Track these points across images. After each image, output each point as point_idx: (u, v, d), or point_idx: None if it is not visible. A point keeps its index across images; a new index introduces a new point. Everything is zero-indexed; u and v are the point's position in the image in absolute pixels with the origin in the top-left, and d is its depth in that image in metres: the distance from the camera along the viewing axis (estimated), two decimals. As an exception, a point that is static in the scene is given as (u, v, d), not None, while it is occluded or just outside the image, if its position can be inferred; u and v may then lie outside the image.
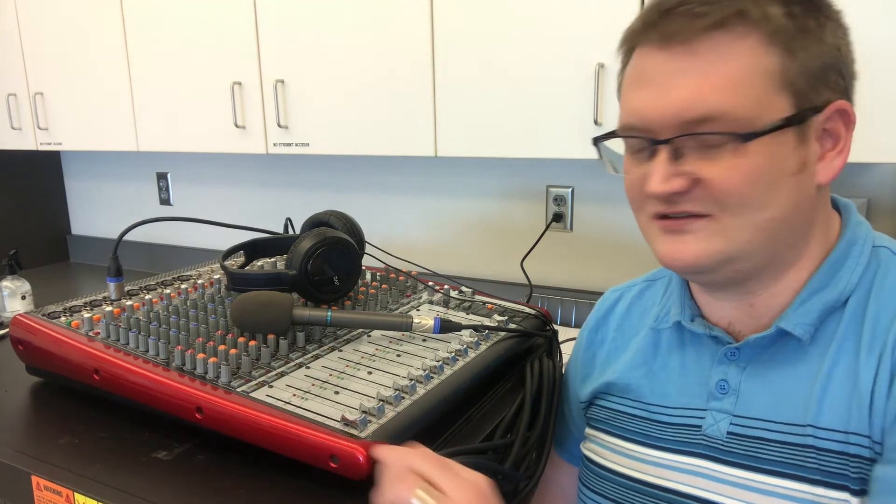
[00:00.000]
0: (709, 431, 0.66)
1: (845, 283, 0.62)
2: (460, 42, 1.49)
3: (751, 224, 0.58)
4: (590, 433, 0.79)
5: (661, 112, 0.58)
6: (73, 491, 0.61)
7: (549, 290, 1.80)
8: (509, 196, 1.87)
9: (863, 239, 0.64)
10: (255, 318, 0.76)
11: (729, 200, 0.57)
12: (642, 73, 0.61)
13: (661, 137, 0.59)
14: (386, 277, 1.02)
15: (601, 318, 0.84)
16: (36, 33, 2.20)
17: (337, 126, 1.69)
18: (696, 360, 0.70)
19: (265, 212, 2.32)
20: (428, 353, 0.78)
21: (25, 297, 1.90)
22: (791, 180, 0.58)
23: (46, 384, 0.84)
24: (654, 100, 0.59)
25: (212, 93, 1.86)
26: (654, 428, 0.71)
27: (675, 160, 0.58)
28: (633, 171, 0.64)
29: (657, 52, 0.59)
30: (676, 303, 0.72)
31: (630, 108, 0.62)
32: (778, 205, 0.58)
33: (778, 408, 0.62)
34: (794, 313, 0.62)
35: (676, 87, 0.57)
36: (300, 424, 0.61)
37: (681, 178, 0.58)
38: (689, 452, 0.67)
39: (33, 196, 2.72)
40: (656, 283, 0.80)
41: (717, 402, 0.66)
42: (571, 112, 1.39)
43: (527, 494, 0.77)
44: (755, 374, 0.64)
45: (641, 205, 0.64)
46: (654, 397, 0.72)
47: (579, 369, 0.83)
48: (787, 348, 0.63)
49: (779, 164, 0.57)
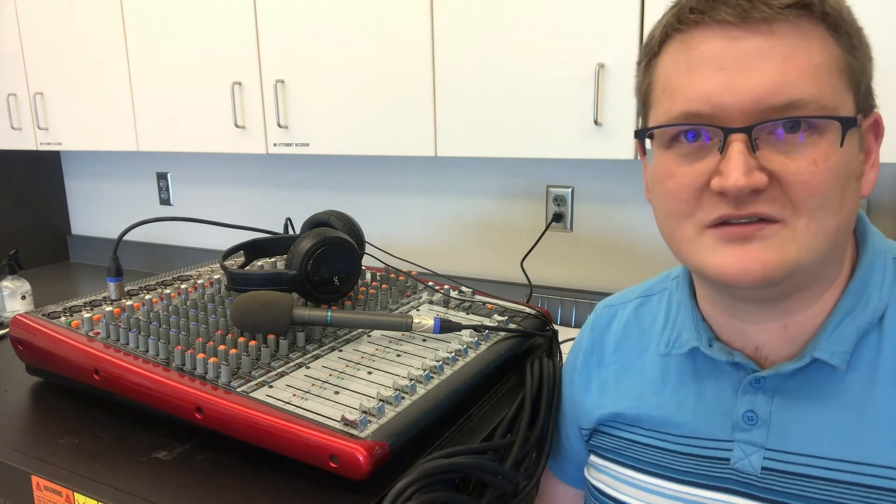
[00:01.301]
0: (739, 465, 0.60)
1: (876, 301, 0.58)
2: (460, 42, 1.49)
3: (823, 230, 0.53)
4: (596, 462, 0.74)
5: (738, 97, 0.51)
6: (73, 491, 0.61)
7: (549, 290, 1.80)
8: (509, 196, 1.87)
9: (882, 252, 0.61)
10: (255, 318, 0.76)
11: (811, 201, 0.52)
12: (705, 55, 0.53)
13: (736, 125, 0.52)
14: (386, 277, 1.02)
15: (596, 338, 0.78)
16: (36, 33, 2.20)
17: (337, 126, 1.69)
18: (714, 388, 0.64)
19: (265, 212, 2.32)
20: (428, 353, 0.78)
21: (25, 297, 1.90)
22: (855, 185, 0.55)
23: (46, 384, 0.84)
24: (727, 83, 0.52)
25: (212, 93, 1.86)
26: (674, 459, 0.65)
27: (751, 152, 0.52)
28: (682, 171, 0.56)
29: (726, 32, 0.52)
30: (688, 326, 0.66)
31: (692, 94, 0.54)
32: (846, 211, 0.54)
33: (819, 442, 0.57)
34: (829, 341, 0.57)
35: (756, 69, 0.51)
36: (300, 424, 0.61)
37: (760, 172, 0.52)
38: (718, 488, 0.62)
39: (33, 196, 2.72)
40: (653, 299, 0.75)
41: (744, 434, 0.61)
42: (571, 112, 1.39)
43: (527, 495, 0.76)
44: (786, 405, 0.59)
45: (689, 211, 0.56)
46: (671, 427, 0.66)
47: (576, 391, 0.78)
48: (820, 376, 0.58)
49: (849, 165, 0.54)
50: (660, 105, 0.58)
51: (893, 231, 1.46)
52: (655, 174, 0.59)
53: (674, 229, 0.59)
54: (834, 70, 0.53)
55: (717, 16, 0.53)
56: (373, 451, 0.58)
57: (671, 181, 0.57)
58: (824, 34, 0.53)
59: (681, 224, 0.58)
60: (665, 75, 0.57)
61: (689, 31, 0.55)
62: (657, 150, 0.59)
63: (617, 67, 1.34)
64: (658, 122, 0.57)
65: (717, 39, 0.53)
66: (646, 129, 0.59)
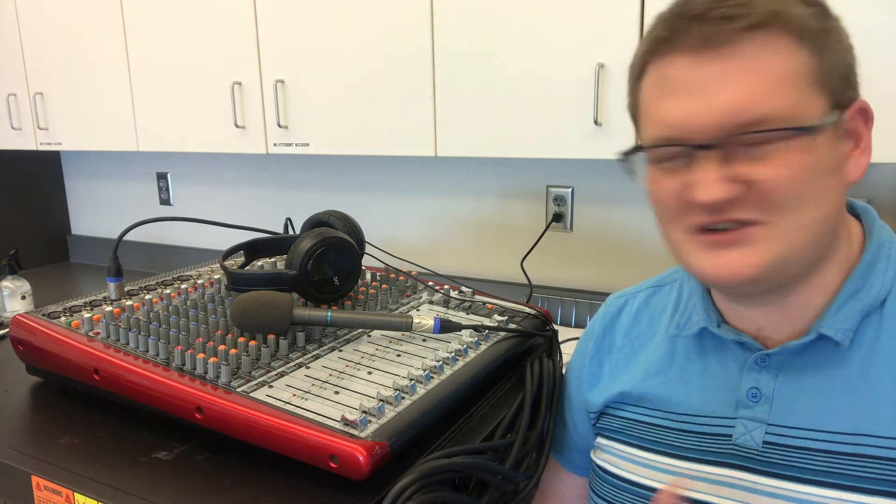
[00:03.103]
0: (741, 441, 0.63)
1: (879, 285, 0.61)
2: (460, 42, 1.49)
3: (803, 224, 0.56)
4: (602, 443, 0.76)
5: (704, 120, 0.56)
6: (73, 491, 0.61)
7: (549, 290, 1.80)
8: (509, 196, 1.87)
9: (889, 242, 0.64)
10: (255, 318, 0.76)
11: (785, 200, 0.55)
12: (673, 81, 0.58)
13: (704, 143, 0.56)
14: (386, 277, 1.02)
15: (608, 325, 0.80)
16: (36, 33, 2.20)
17: (337, 126, 1.69)
18: (719, 367, 0.67)
19: (265, 212, 2.32)
20: (428, 353, 0.78)
21: (25, 297, 1.90)
22: (832, 179, 0.58)
23: (46, 384, 0.84)
24: (694, 107, 0.56)
25: (212, 93, 1.86)
26: (677, 437, 0.68)
27: (722, 165, 0.56)
28: (665, 181, 0.60)
29: (691, 58, 0.56)
30: (699, 309, 0.70)
31: (664, 119, 0.59)
32: (827, 203, 0.57)
33: (820, 416, 0.60)
34: (834, 318, 0.60)
35: (719, 92, 0.55)
36: (300, 424, 0.61)
37: (731, 183, 0.55)
38: (720, 463, 0.64)
39: (33, 196, 2.72)
40: (664, 289, 0.78)
41: (747, 411, 0.64)
42: (571, 112, 1.39)
43: (527, 494, 0.76)
44: (790, 381, 0.62)
45: (676, 217, 0.61)
46: (674, 405, 0.69)
47: (585, 378, 0.80)
48: (824, 353, 0.61)
49: (823, 162, 0.56)
50: (643, 126, 0.63)
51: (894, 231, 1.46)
52: (647, 182, 0.64)
53: (666, 233, 0.64)
54: (800, 78, 0.55)
55: (684, 41, 0.57)
56: (373, 451, 0.58)
57: (659, 190, 0.62)
58: (789, 43, 0.55)
59: (671, 228, 0.63)
60: (645, 99, 0.62)
61: (661, 57, 0.59)
62: (647, 162, 0.63)
63: (617, 67, 1.34)
64: (643, 142, 0.63)
65: (684, 64, 0.57)
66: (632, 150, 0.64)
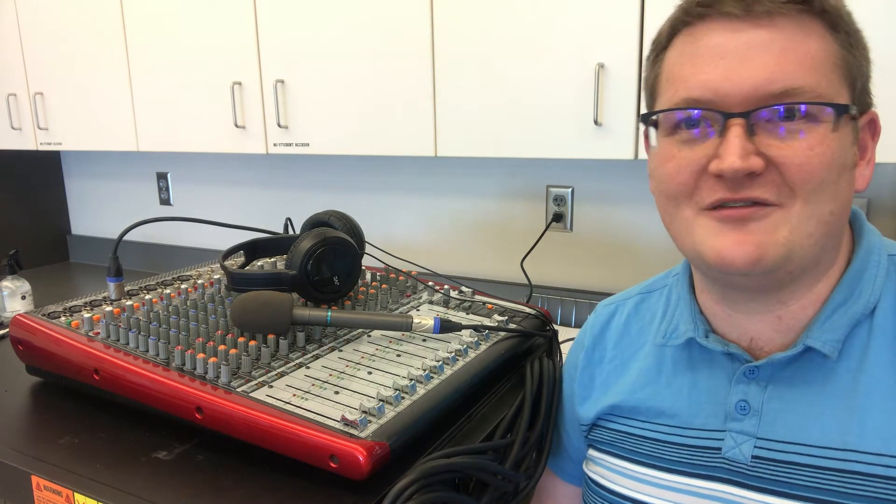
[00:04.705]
0: (730, 455, 0.62)
1: (868, 294, 0.60)
2: (460, 42, 1.49)
3: (817, 214, 0.55)
4: (594, 455, 0.75)
5: (737, 85, 0.54)
6: (73, 491, 0.61)
7: (549, 290, 1.80)
8: (509, 196, 1.87)
9: (878, 248, 0.63)
10: (254, 318, 0.76)
11: (803, 184, 0.54)
12: (709, 46, 0.56)
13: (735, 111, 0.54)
14: (386, 277, 1.02)
15: (597, 336, 0.79)
16: (36, 33, 2.20)
17: (337, 126, 1.69)
18: (708, 378, 0.66)
19: (265, 212, 2.32)
20: (428, 353, 0.78)
21: (25, 297, 1.90)
22: (847, 175, 0.57)
23: (46, 384, 0.84)
24: (728, 72, 0.55)
25: (212, 93, 1.86)
26: (667, 450, 0.67)
27: (747, 139, 0.54)
28: (682, 154, 0.58)
29: (727, 25, 0.55)
30: (686, 318, 0.68)
31: (695, 81, 0.57)
32: (841, 198, 0.56)
33: (807, 430, 0.59)
34: (822, 329, 0.59)
35: (756, 59, 0.54)
36: (300, 424, 0.61)
37: (758, 157, 0.54)
38: (709, 477, 0.63)
39: (33, 196, 2.72)
40: (653, 295, 0.76)
41: (736, 424, 0.62)
42: (571, 112, 1.39)
43: (527, 494, 0.76)
44: (778, 394, 0.61)
45: (688, 193, 0.59)
46: (664, 417, 0.68)
47: (577, 390, 0.78)
48: (812, 365, 0.60)
49: (842, 155, 0.55)
50: (664, 94, 0.61)
51: (893, 231, 1.46)
52: (657, 158, 0.62)
53: (673, 213, 0.61)
54: (831, 64, 0.55)
55: (723, 9, 0.56)
56: (373, 451, 0.58)
57: (671, 163, 0.59)
58: (823, 30, 0.55)
59: (679, 206, 0.60)
60: (671, 66, 0.60)
61: (695, 25, 0.58)
62: (660, 137, 0.61)
63: (617, 67, 1.34)
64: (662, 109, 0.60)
65: (721, 31, 0.56)
66: (650, 113, 0.61)
